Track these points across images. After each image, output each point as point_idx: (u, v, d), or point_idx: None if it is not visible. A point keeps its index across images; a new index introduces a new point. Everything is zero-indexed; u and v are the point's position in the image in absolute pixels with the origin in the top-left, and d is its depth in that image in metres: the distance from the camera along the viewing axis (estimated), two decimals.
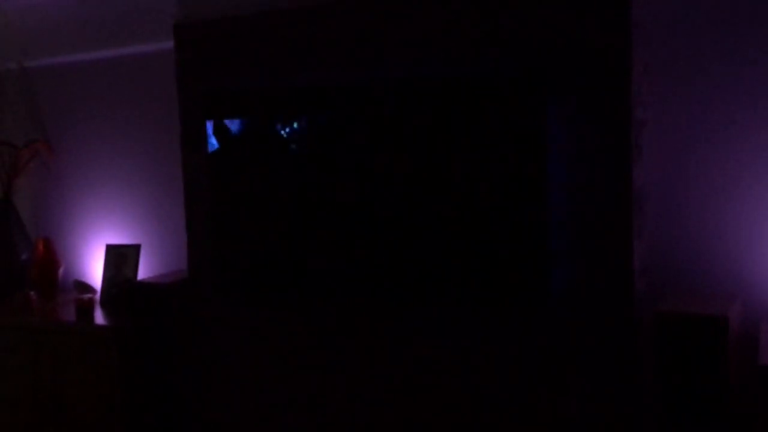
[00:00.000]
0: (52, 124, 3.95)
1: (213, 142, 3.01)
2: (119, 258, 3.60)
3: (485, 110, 2.48)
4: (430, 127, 2.58)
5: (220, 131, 2.94)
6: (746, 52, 2.40)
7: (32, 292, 3.60)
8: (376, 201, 2.70)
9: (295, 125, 2.81)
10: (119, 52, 3.62)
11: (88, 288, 3.71)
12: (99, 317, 3.37)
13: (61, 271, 3.79)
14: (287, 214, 2.90)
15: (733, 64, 2.42)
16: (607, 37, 2.32)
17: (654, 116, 2.52)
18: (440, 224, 2.59)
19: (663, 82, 2.51)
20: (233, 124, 2.96)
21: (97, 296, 3.65)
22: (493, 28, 2.49)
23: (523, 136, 2.42)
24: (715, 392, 2.17)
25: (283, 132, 2.84)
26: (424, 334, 2.71)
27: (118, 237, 3.75)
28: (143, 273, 3.58)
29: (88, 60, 3.76)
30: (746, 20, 2.40)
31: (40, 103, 3.97)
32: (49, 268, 3.75)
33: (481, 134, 2.48)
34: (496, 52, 2.49)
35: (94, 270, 3.83)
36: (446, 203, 2.57)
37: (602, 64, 2.34)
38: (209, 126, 3.00)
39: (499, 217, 2.48)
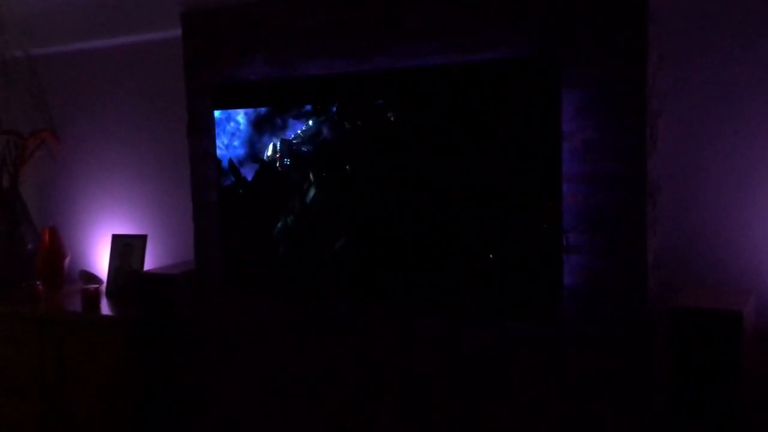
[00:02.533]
0: (58, 112, 3.94)
1: (219, 132, 2.98)
2: (126, 248, 3.59)
3: (498, 99, 2.45)
4: (440, 118, 2.55)
5: (235, 169, 2.94)
6: (763, 42, 2.36)
7: (38, 282, 3.59)
8: (384, 195, 2.68)
9: (310, 122, 2.78)
10: (126, 40, 3.60)
11: (94, 278, 3.70)
12: (105, 308, 3.37)
13: (67, 261, 3.78)
14: (296, 209, 2.88)
15: (750, 54, 2.39)
16: (622, 25, 2.29)
17: (668, 107, 2.48)
18: (448, 219, 2.56)
19: (678, 73, 2.47)
20: (243, 114, 2.93)
21: (103, 287, 3.64)
22: (507, 15, 2.45)
23: (536, 126, 2.39)
24: (729, 387, 2.15)
25: (298, 129, 2.80)
26: (433, 326, 2.70)
27: (125, 227, 3.74)
28: (150, 264, 3.57)
29: (94, 48, 3.74)
30: (763, 11, 2.36)
31: (46, 92, 3.95)
32: (55, 258, 3.74)
33: (494, 123, 2.45)
34: (509, 40, 2.45)
35: (101, 260, 3.82)
36: (455, 198, 2.54)
37: (618, 53, 2.30)
38: (217, 116, 2.98)
39: (510, 209, 2.45)
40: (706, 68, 2.44)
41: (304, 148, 2.81)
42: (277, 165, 2.87)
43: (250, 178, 2.93)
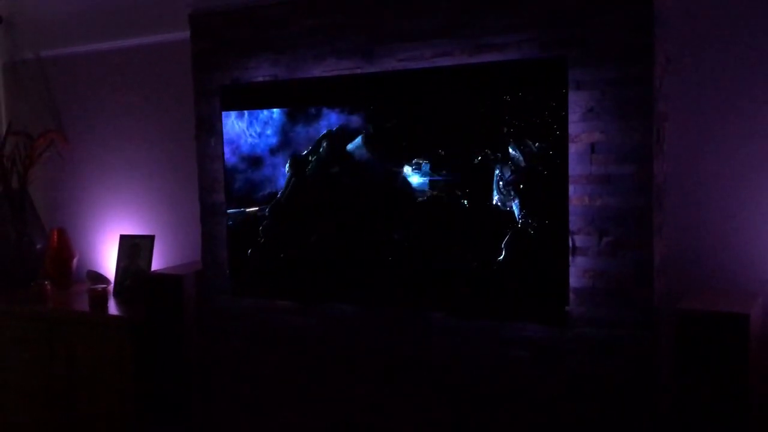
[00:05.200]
0: (66, 113, 3.95)
1: (252, 120, 2.96)
2: (133, 248, 3.60)
3: (505, 101, 2.45)
4: (448, 121, 2.55)
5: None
6: None
7: (46, 282, 3.61)
8: (389, 198, 2.68)
9: (319, 126, 2.79)
10: (135, 42, 3.61)
11: (101, 278, 3.71)
12: (112, 308, 3.38)
13: (75, 261, 3.80)
14: (302, 209, 2.89)
15: (757, 57, 2.38)
16: (629, 27, 2.28)
17: (675, 110, 2.48)
18: (454, 221, 2.56)
19: (685, 76, 2.46)
20: (254, 115, 2.94)
21: (111, 287, 3.65)
22: (513, 17, 2.45)
23: (543, 128, 2.38)
24: (736, 390, 2.14)
25: (333, 119, 2.78)
26: (439, 328, 2.70)
27: (132, 227, 3.75)
28: (157, 264, 3.58)
29: (103, 50, 3.75)
30: None
31: (55, 93, 3.97)
32: (63, 259, 3.76)
33: (501, 124, 2.46)
34: (516, 42, 2.45)
35: (108, 260, 3.83)
36: (461, 199, 2.54)
37: (624, 55, 2.30)
38: (225, 117, 2.99)
39: (517, 212, 2.45)
40: (713, 71, 2.44)
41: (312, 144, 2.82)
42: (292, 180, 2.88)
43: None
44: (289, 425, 3.03)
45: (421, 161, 2.59)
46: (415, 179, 2.61)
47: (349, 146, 2.74)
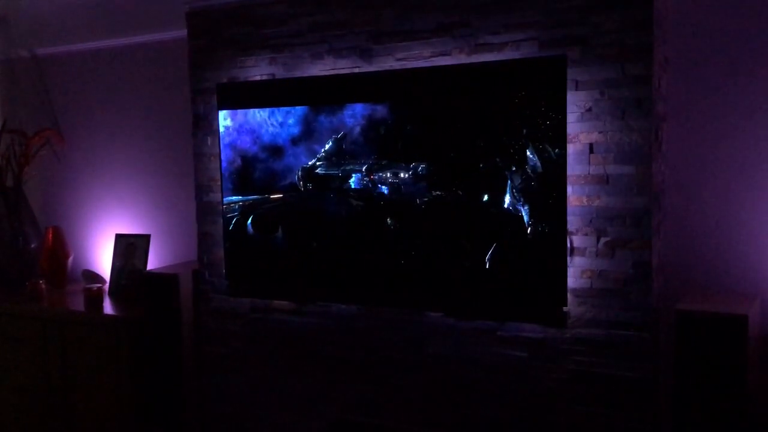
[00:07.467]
0: (62, 112, 3.94)
1: (274, 109, 2.91)
2: (129, 248, 3.59)
3: (503, 100, 2.44)
4: (447, 120, 2.55)
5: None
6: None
7: (42, 281, 3.60)
8: (386, 198, 2.67)
9: (330, 141, 2.76)
10: (131, 40, 3.60)
11: (97, 278, 3.70)
12: (108, 307, 3.37)
13: (70, 260, 3.78)
14: (300, 209, 2.88)
15: (755, 59, 2.38)
16: (629, 28, 2.28)
17: (674, 111, 2.48)
18: (453, 220, 2.56)
19: (683, 77, 2.46)
20: (248, 115, 2.93)
21: (106, 286, 3.64)
22: (513, 17, 2.45)
23: (542, 128, 2.38)
24: (735, 391, 2.14)
25: (359, 114, 2.74)
26: (437, 327, 2.69)
27: (128, 227, 3.74)
28: (153, 263, 3.57)
29: (99, 48, 3.74)
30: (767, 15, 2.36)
31: (51, 91, 3.95)
32: (58, 258, 3.74)
33: (499, 124, 2.45)
34: (515, 42, 2.45)
35: (104, 260, 3.82)
36: (458, 199, 2.54)
37: (623, 55, 2.29)
38: (222, 116, 2.98)
39: (515, 211, 2.44)
40: (713, 71, 2.44)
41: (321, 171, 2.80)
42: (302, 188, 2.85)
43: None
44: (287, 425, 3.02)
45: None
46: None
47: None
